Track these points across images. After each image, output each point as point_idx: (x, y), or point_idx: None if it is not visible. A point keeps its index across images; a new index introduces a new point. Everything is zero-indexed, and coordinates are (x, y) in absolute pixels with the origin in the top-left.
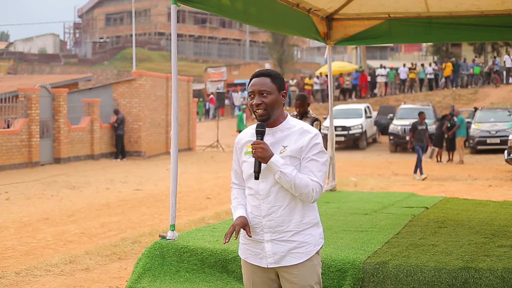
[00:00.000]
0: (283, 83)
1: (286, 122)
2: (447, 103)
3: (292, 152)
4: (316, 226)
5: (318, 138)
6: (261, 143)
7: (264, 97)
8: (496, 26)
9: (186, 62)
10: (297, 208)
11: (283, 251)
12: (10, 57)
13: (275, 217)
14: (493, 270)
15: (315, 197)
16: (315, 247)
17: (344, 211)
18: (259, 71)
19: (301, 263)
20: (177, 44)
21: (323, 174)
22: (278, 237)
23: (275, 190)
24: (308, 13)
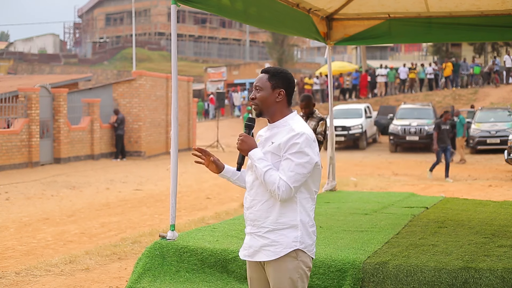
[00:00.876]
0: (282, 82)
1: (284, 119)
2: (447, 103)
3: (273, 149)
4: (293, 228)
5: (300, 139)
6: (243, 135)
7: (257, 92)
8: (496, 26)
9: (186, 62)
10: (275, 206)
11: (256, 246)
12: (10, 57)
13: (254, 211)
14: (493, 270)
15: (281, 196)
16: (285, 249)
17: (344, 211)
18: (265, 67)
19: (275, 264)
20: (177, 44)
21: (296, 175)
22: (255, 231)
23: (257, 184)
24: (308, 13)
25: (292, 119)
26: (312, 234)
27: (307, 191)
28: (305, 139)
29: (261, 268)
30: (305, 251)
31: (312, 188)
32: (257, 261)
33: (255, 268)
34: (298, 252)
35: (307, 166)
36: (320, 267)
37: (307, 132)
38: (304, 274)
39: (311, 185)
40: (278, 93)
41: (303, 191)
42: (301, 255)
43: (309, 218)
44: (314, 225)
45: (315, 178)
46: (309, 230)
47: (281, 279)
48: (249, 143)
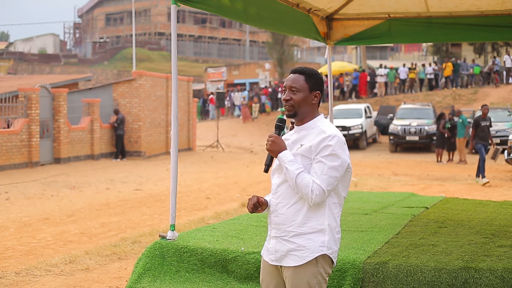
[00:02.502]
0: (318, 84)
1: (313, 121)
2: (447, 103)
3: (304, 151)
4: (321, 233)
5: (332, 141)
6: (273, 136)
7: (293, 94)
8: (496, 26)
9: (186, 62)
10: (303, 210)
11: (283, 251)
12: (10, 57)
13: (280, 214)
14: (493, 270)
15: (314, 199)
16: (312, 253)
17: (344, 211)
18: (297, 68)
19: (294, 269)
20: (177, 44)
21: (329, 178)
22: (281, 235)
23: (284, 186)
24: (308, 13)
25: (320, 121)
26: (338, 240)
27: (337, 195)
28: (337, 141)
29: (278, 271)
30: (332, 257)
31: (342, 193)
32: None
33: (271, 270)
34: (320, 257)
35: (339, 169)
36: None
37: (338, 134)
38: (323, 280)
39: (341, 190)
40: (314, 95)
41: (333, 196)
42: (322, 261)
43: (336, 223)
44: (340, 232)
45: (345, 183)
46: (336, 236)
47: (299, 284)
48: (280, 144)
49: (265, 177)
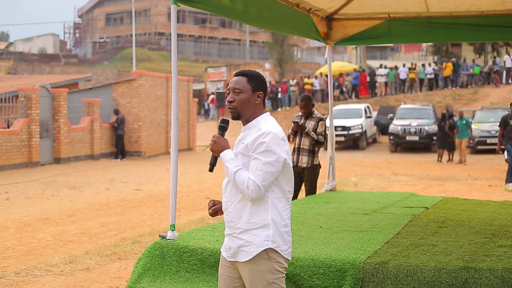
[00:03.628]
0: (260, 84)
1: (255, 120)
2: (447, 103)
3: (242, 150)
4: (265, 227)
5: (266, 137)
6: (215, 136)
7: (236, 95)
8: (496, 26)
9: (186, 62)
10: (247, 207)
11: (235, 247)
12: (10, 57)
13: (229, 212)
14: (493, 270)
15: (251, 195)
16: (257, 248)
17: (344, 211)
18: (240, 71)
19: (248, 265)
20: (177, 44)
21: (264, 174)
22: (231, 232)
23: (231, 185)
24: (308, 13)
25: (263, 119)
26: (285, 234)
27: (280, 190)
28: (272, 138)
29: (234, 268)
30: (278, 250)
31: (285, 187)
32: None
33: (228, 265)
34: (271, 252)
35: (275, 164)
36: (320, 267)
37: (275, 130)
38: (280, 274)
39: (284, 184)
40: (257, 96)
41: (275, 190)
42: (274, 256)
43: (281, 218)
44: (287, 226)
45: (287, 177)
46: (281, 230)
47: (256, 281)
48: (221, 144)
49: None
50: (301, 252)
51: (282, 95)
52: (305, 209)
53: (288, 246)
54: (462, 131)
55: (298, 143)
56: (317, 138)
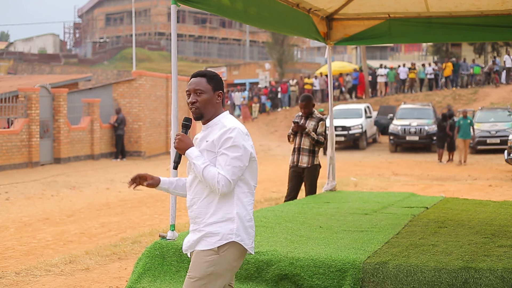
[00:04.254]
0: (219, 84)
1: (217, 118)
2: (447, 103)
3: (208, 146)
4: (230, 221)
5: (232, 133)
6: (180, 135)
7: (198, 96)
8: (496, 26)
9: (186, 62)
10: (214, 202)
11: (195, 239)
12: (10, 57)
13: (195, 209)
14: (493, 270)
15: (221, 190)
16: (220, 240)
17: (344, 211)
18: (197, 72)
19: (199, 254)
20: (177, 44)
21: (233, 168)
22: (196, 228)
23: (196, 182)
24: (308, 13)
25: (224, 117)
26: (249, 228)
27: (246, 185)
28: (238, 133)
29: None
30: (242, 244)
31: (251, 182)
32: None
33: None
34: (228, 245)
35: (242, 158)
36: (320, 267)
37: (239, 126)
38: (226, 267)
39: (249, 179)
40: (218, 95)
41: (241, 185)
42: (226, 250)
43: (246, 212)
44: (252, 220)
45: (252, 172)
46: (246, 224)
47: (197, 269)
48: (186, 142)
49: (265, 177)
50: (301, 252)
51: (282, 95)
52: (305, 209)
53: (252, 240)
54: (466, 131)
55: (298, 143)
56: (317, 138)
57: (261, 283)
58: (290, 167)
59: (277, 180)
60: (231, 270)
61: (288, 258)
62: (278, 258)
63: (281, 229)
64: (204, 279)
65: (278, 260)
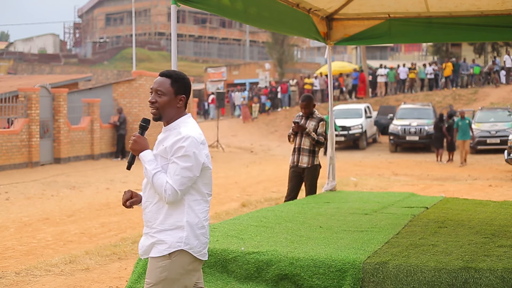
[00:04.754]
0: (184, 88)
1: (176, 123)
2: (447, 103)
3: (161, 152)
4: (180, 229)
5: (185, 142)
6: (136, 136)
7: (158, 97)
8: (496, 26)
9: (186, 62)
10: (164, 208)
11: (147, 245)
12: (10, 57)
13: (147, 212)
14: (493, 270)
15: (168, 199)
16: (169, 248)
17: (344, 211)
18: (165, 71)
19: (152, 260)
20: (177, 44)
21: (181, 179)
22: (148, 232)
23: (149, 185)
24: (308, 13)
25: (183, 122)
26: (201, 236)
27: (198, 193)
28: (191, 142)
29: None
30: (191, 252)
31: (204, 190)
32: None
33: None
34: (178, 252)
35: (193, 169)
36: (320, 267)
37: (194, 134)
38: (177, 275)
39: (202, 188)
40: (179, 99)
41: (193, 193)
42: (178, 256)
43: (198, 219)
44: (204, 227)
45: (205, 181)
46: (197, 232)
47: (151, 275)
48: (141, 144)
49: (265, 177)
50: (301, 252)
51: (282, 95)
52: (305, 209)
53: (204, 247)
54: (465, 132)
55: (299, 143)
56: (317, 138)
57: (261, 283)
58: (290, 167)
59: (277, 180)
60: (186, 274)
61: (288, 258)
62: (278, 258)
63: (281, 229)
64: (158, 285)
65: (278, 260)
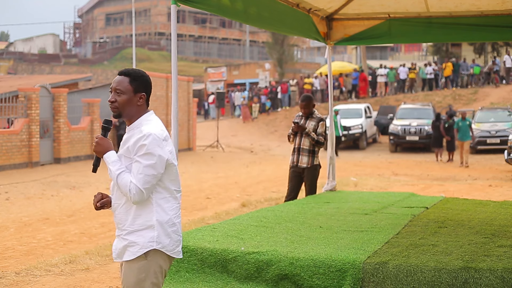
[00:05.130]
0: (143, 85)
1: (138, 121)
2: (447, 103)
3: (125, 152)
4: (150, 229)
5: (147, 140)
6: (98, 137)
7: (117, 96)
8: (496, 26)
9: (186, 62)
10: (132, 208)
11: (120, 247)
12: (10, 57)
13: (117, 214)
14: (493, 270)
15: (133, 198)
16: (141, 249)
17: (344, 211)
18: (124, 69)
19: (126, 263)
20: (177, 44)
21: (145, 177)
22: (120, 234)
23: (116, 187)
24: (308, 13)
25: (145, 120)
26: (172, 233)
27: (165, 190)
28: (152, 140)
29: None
30: (163, 251)
31: (171, 187)
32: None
33: (121, 268)
34: (152, 252)
35: (156, 166)
36: (320, 267)
37: (155, 132)
38: (154, 274)
39: (169, 185)
40: (139, 97)
41: (161, 191)
42: (153, 255)
43: (168, 217)
44: (175, 225)
45: (171, 177)
46: (168, 230)
47: (128, 278)
48: (104, 145)
49: (265, 177)
50: (301, 252)
51: (282, 95)
52: (305, 209)
53: (177, 245)
54: (465, 132)
55: (298, 143)
56: (317, 138)
57: (261, 283)
58: (290, 167)
59: (277, 180)
60: (161, 272)
61: (288, 258)
62: (278, 258)
63: (281, 229)
64: (138, 285)
65: (278, 260)
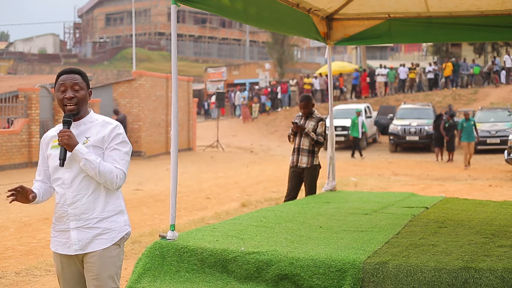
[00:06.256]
0: (88, 83)
1: (89, 115)
2: (447, 103)
3: (95, 142)
4: (121, 213)
5: (120, 129)
6: (67, 131)
7: (76, 92)
8: (496, 26)
9: (186, 62)
10: (101, 196)
11: (88, 238)
12: (10, 57)
13: (80, 205)
14: (493, 270)
15: (119, 183)
16: (119, 233)
17: (344, 211)
18: (72, 68)
19: (101, 252)
20: (177, 44)
21: (126, 163)
22: (83, 225)
23: (80, 178)
24: (308, 13)
25: (95, 115)
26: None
27: None
28: (123, 130)
29: (77, 262)
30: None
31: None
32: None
33: (68, 263)
34: (122, 238)
35: (129, 153)
36: (320, 267)
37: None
38: (123, 257)
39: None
40: (89, 93)
41: None
42: (122, 241)
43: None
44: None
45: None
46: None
47: (106, 266)
48: (74, 138)
49: (265, 177)
50: (301, 252)
51: (282, 95)
52: (305, 209)
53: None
54: (469, 133)
55: (298, 143)
56: (316, 138)
57: (261, 283)
58: (290, 167)
59: (277, 180)
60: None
61: (288, 258)
62: (278, 258)
63: (281, 229)
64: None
65: (278, 260)
